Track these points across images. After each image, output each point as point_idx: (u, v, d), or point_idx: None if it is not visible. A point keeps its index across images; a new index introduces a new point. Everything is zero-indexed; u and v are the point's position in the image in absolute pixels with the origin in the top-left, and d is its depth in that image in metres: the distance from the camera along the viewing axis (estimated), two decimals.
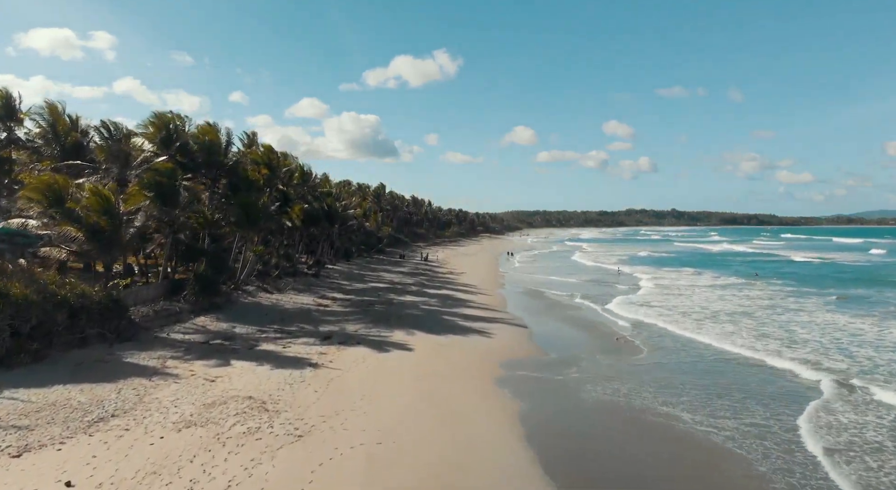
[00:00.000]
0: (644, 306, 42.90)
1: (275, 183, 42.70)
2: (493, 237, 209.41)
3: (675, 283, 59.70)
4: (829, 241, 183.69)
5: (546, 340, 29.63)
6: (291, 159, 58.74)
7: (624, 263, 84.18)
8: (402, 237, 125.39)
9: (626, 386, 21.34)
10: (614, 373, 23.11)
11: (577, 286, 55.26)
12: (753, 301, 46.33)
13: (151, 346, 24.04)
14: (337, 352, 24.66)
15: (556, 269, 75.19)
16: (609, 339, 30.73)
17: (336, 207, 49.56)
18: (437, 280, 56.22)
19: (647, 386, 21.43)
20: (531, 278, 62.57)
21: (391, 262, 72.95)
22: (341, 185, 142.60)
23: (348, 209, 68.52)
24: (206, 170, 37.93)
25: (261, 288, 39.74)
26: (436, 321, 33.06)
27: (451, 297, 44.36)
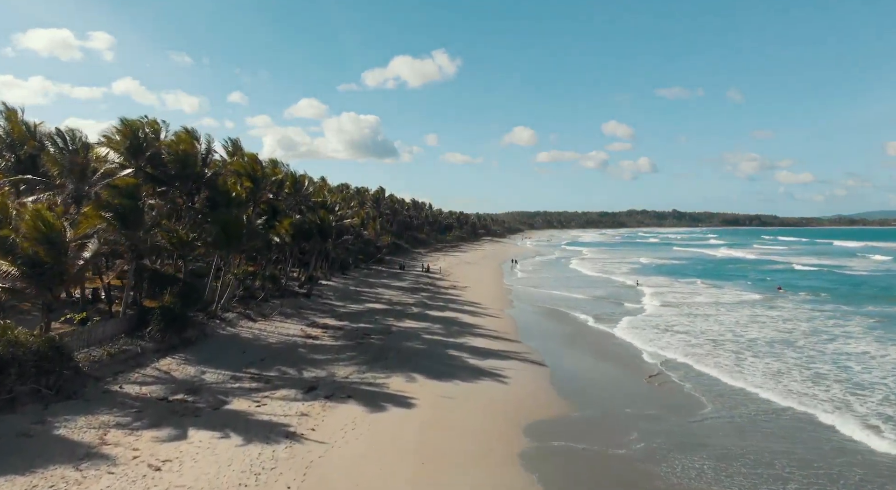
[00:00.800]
0: (668, 332, 38.57)
1: (259, 196, 38.37)
2: (495, 240, 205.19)
3: (694, 299, 55.34)
4: (831, 244, 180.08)
5: (571, 386, 25.33)
6: (281, 167, 54.45)
7: (631, 274, 79.85)
8: (402, 243, 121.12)
9: (705, 465, 16.95)
10: (674, 442, 18.73)
11: (588, 304, 50.95)
12: (790, 324, 41.99)
13: (97, 406, 19.75)
14: (321, 411, 20.34)
15: (562, 281, 70.81)
16: (640, 380, 26.50)
17: (329, 221, 45.23)
18: (439, 297, 51.89)
19: (732, 464, 17.08)
20: (538, 293, 58.25)
21: (391, 275, 68.66)
22: (339, 188, 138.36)
23: (345, 218, 64.19)
24: (180, 183, 33.62)
25: (243, 314, 35.42)
26: (440, 358, 28.75)
27: (457, 321, 40.03)
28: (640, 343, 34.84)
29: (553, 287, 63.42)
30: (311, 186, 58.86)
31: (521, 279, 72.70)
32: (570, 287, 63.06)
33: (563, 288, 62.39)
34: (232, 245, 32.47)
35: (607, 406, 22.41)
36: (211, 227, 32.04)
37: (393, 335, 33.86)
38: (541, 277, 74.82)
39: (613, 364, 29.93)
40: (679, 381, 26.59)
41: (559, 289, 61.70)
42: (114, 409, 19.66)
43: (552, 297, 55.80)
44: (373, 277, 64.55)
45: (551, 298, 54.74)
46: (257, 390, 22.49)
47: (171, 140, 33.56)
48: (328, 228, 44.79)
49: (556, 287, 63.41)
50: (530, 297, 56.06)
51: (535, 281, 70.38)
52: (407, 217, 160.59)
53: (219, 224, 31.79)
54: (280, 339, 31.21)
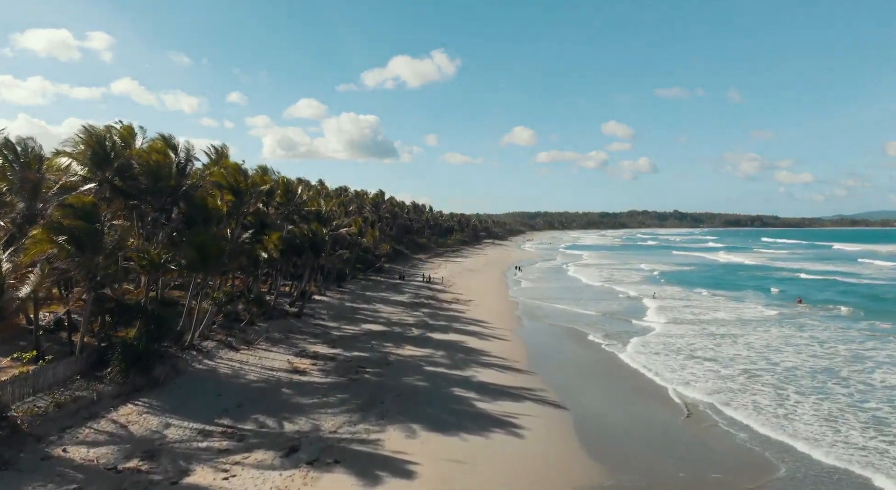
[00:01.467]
0: (692, 359, 35.00)
1: (243, 209, 34.73)
2: (497, 244, 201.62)
3: (713, 315, 51.77)
4: (830, 247, 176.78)
5: (600, 438, 21.77)
6: (272, 175, 50.89)
7: (635, 284, 76.24)
8: (402, 249, 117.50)
9: None
10: None
11: (597, 322, 47.48)
12: (826, 348, 38.39)
13: (30, 481, 16.19)
14: (302, 485, 16.76)
15: (567, 292, 67.17)
16: (679, 426, 22.97)
17: (322, 234, 41.66)
18: (442, 315, 48.28)
19: None
20: (544, 309, 54.71)
21: (390, 286, 65.03)
22: (337, 192, 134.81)
23: (341, 228, 60.62)
24: (152, 197, 30.04)
25: (224, 343, 31.83)
26: (444, 401, 25.14)
27: (462, 346, 36.43)
28: (665, 374, 31.28)
29: (559, 300, 59.79)
30: (306, 194, 55.29)
31: (525, 290, 69.07)
32: (576, 300, 59.45)
33: (569, 301, 58.77)
34: (210, 267, 28.88)
35: (651, 469, 18.82)
36: (186, 248, 28.43)
37: (391, 367, 30.25)
38: (546, 288, 71.17)
39: (642, 403, 26.37)
40: (728, 429, 23.04)
41: (565, 302, 58.09)
42: (49, 486, 16.10)
43: (559, 313, 52.25)
44: (371, 290, 60.95)
45: (558, 314, 51.22)
46: (228, 452, 18.89)
47: (143, 149, 29.97)
48: (321, 242, 41.19)
49: (562, 300, 59.78)
50: (537, 312, 52.50)
51: (541, 292, 66.73)
52: (407, 220, 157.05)
53: (194, 244, 28.20)
54: (263, 375, 27.60)
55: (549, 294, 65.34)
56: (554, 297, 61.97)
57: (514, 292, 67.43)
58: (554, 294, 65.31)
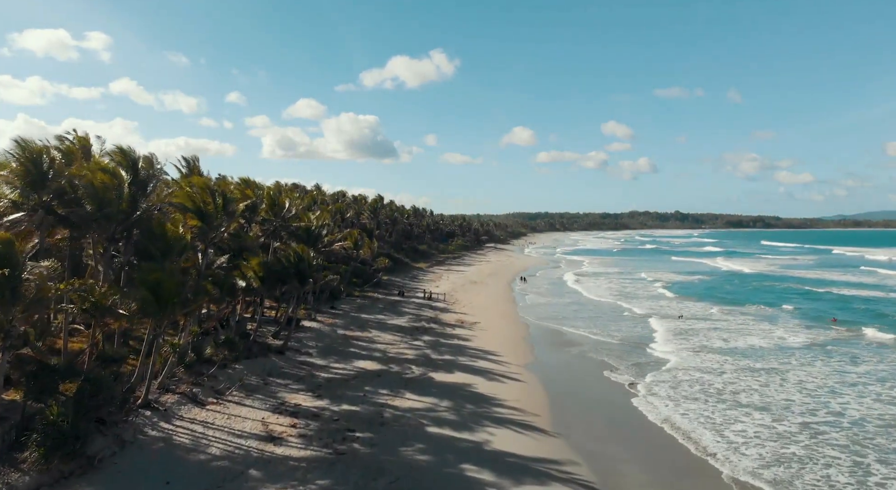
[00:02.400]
0: (737, 408, 30.00)
1: (212, 236, 29.60)
2: (499, 248, 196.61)
3: (747, 342, 46.78)
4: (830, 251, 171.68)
5: None
6: (257, 188, 45.96)
7: (645, 300, 71.17)
8: (401, 257, 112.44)
9: None
10: None
11: (614, 351, 42.67)
12: (891, 389, 33.32)
13: None
14: None
15: (576, 310, 62.14)
16: None
17: (310, 258, 36.50)
18: (445, 344, 43.19)
19: None
20: (557, 333, 49.87)
21: (388, 305, 59.89)
22: (335, 197, 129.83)
23: (335, 243, 55.57)
24: (99, 225, 24.98)
25: (188, 395, 26.79)
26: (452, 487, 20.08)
27: (470, 391, 31.37)
28: (710, 436, 26.13)
29: (568, 320, 54.77)
30: (296, 206, 50.19)
31: (533, 308, 63.96)
32: (586, 321, 54.48)
33: (579, 322, 53.78)
34: (166, 310, 23.82)
35: None
36: (137, 289, 23.38)
37: (386, 429, 25.11)
38: (553, 306, 66.03)
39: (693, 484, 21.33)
40: None
41: (576, 324, 53.10)
42: None
43: (572, 339, 47.29)
44: (367, 310, 55.84)
45: (572, 341, 46.30)
46: None
47: (88, 166, 24.91)
48: (307, 269, 36.05)
49: (572, 321, 54.77)
50: (548, 338, 47.63)
51: (548, 310, 61.62)
52: (407, 225, 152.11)
53: (147, 283, 23.14)
54: (229, 446, 22.50)
55: (557, 312, 60.29)
56: (563, 317, 56.90)
57: (521, 310, 62.36)
58: (562, 312, 60.24)
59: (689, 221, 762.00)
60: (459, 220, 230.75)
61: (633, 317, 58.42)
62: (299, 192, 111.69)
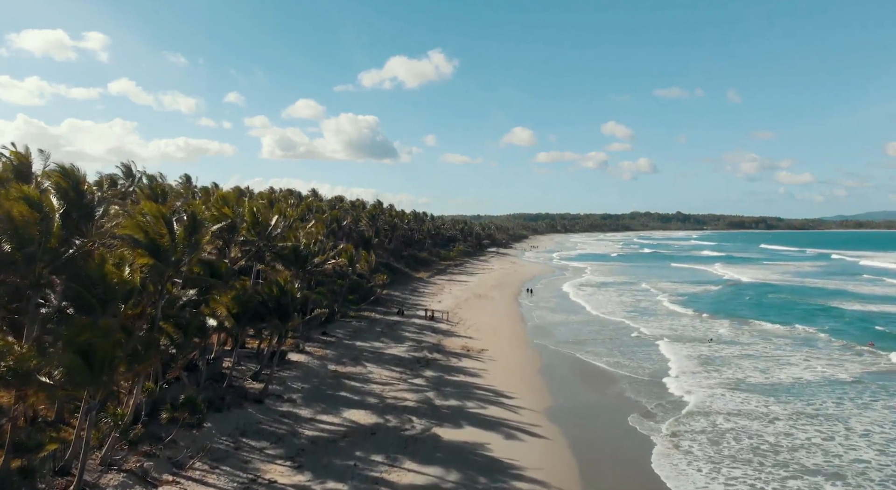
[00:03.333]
0: (800, 476, 24.87)
1: (170, 275, 24.36)
2: (501, 253, 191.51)
3: (791, 374, 41.78)
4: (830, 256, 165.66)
5: None
6: (237, 205, 40.81)
7: (654, 318, 66.02)
8: (401, 267, 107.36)
9: None
10: None
11: (642, 390, 37.71)
12: None
13: None
14: None
15: (587, 331, 57.05)
16: None
17: (293, 291, 31.25)
18: (451, 383, 38.02)
19: None
20: (571, 362, 44.97)
21: (386, 329, 54.69)
22: (332, 203, 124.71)
23: (328, 262, 50.44)
24: (17, 269, 19.88)
25: (137, 472, 21.67)
26: None
27: (483, 456, 26.27)
28: None
29: (583, 347, 49.77)
30: (280, 224, 45.06)
31: (543, 329, 58.86)
32: (602, 346, 49.51)
33: (596, 350, 48.68)
34: (101, 378, 18.73)
35: None
36: (63, 353, 18.28)
37: None
38: (563, 325, 60.94)
39: None
40: None
41: (592, 351, 48.16)
42: None
43: (590, 371, 42.80)
44: (363, 336, 50.69)
45: (590, 374, 41.84)
46: None
47: (3, 195, 19.80)
48: (290, 304, 30.88)
49: (587, 346, 50.06)
50: (564, 371, 43.08)
51: (560, 333, 56.50)
52: (407, 230, 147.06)
53: (75, 345, 18.05)
54: None
55: (568, 334, 55.43)
56: (575, 341, 51.99)
57: (530, 331, 57.29)
58: (573, 334, 55.44)
59: (691, 222, 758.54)
60: (461, 224, 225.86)
61: (649, 340, 53.33)
62: (294, 198, 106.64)
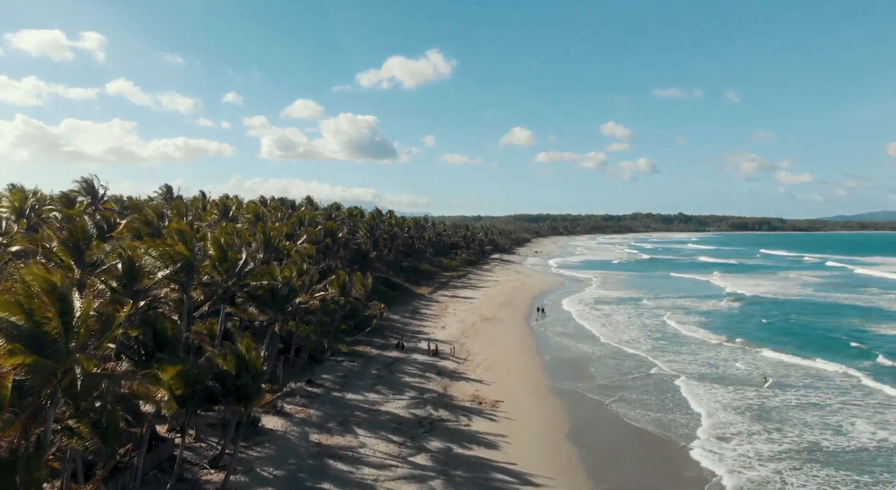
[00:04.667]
0: None
1: (60, 378, 16.68)
2: (505, 260, 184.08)
3: (876, 436, 34.29)
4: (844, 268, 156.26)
5: None
6: (196, 239, 33.27)
7: (693, 348, 58.52)
8: (401, 282, 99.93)
9: None
10: None
11: (694, 464, 29.95)
12: None
13: None
14: None
15: (609, 368, 49.65)
16: None
17: (258, 365, 23.85)
18: (462, 463, 30.56)
19: None
20: (606, 418, 37.39)
21: (383, 371, 47.21)
22: (328, 212, 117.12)
23: (314, 298, 42.96)
24: None
25: None
26: None
27: None
28: None
29: (613, 392, 42.14)
30: (258, 254, 37.58)
31: (560, 365, 51.55)
32: (634, 390, 42.03)
33: (630, 397, 41.18)
34: None
35: None
36: None
37: None
38: (583, 361, 53.57)
39: None
40: None
41: (624, 400, 40.52)
42: None
43: (630, 435, 35.05)
44: (355, 384, 43.25)
45: (632, 440, 34.09)
46: None
47: None
48: (252, 383, 23.43)
49: (619, 391, 42.40)
50: (600, 433, 35.51)
51: (582, 371, 49.13)
52: (408, 238, 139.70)
53: None
54: None
55: (588, 373, 47.92)
56: (599, 385, 44.31)
57: (547, 368, 50.00)
58: (593, 373, 47.79)
59: (693, 223, 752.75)
60: (463, 230, 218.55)
61: (677, 381, 45.99)
62: (285, 209, 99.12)
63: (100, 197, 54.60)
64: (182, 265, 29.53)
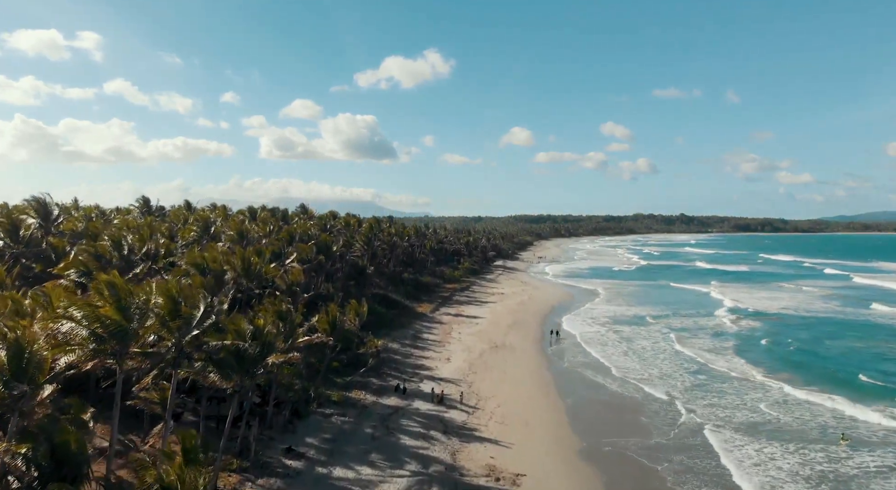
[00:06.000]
0: None
1: None
2: (510, 269, 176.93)
3: None
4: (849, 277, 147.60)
5: None
6: (130, 296, 25.92)
7: (743, 389, 51.20)
8: (400, 299, 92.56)
9: None
10: None
11: None
12: None
13: None
14: None
15: (645, 429, 42.38)
16: None
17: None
18: None
19: None
20: None
21: (379, 426, 39.92)
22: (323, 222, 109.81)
23: (300, 339, 35.63)
24: None
25: None
26: None
27: None
28: None
29: (651, 455, 34.66)
30: (224, 302, 30.25)
31: (583, 407, 44.35)
32: (669, 452, 34.44)
33: (668, 458, 33.68)
34: None
35: None
36: None
37: None
38: (608, 406, 46.37)
39: None
40: None
41: (672, 473, 33.03)
42: None
43: None
44: (345, 451, 35.95)
45: None
46: None
47: None
48: None
49: (652, 455, 34.65)
50: None
51: (608, 426, 41.88)
52: (408, 247, 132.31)
53: None
54: None
55: (618, 419, 40.34)
56: (637, 447, 36.76)
57: (569, 414, 42.76)
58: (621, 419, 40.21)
59: (695, 224, 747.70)
60: (465, 235, 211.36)
61: (731, 433, 38.62)
62: (276, 221, 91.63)
63: (53, 218, 47.25)
64: (112, 332, 22.33)
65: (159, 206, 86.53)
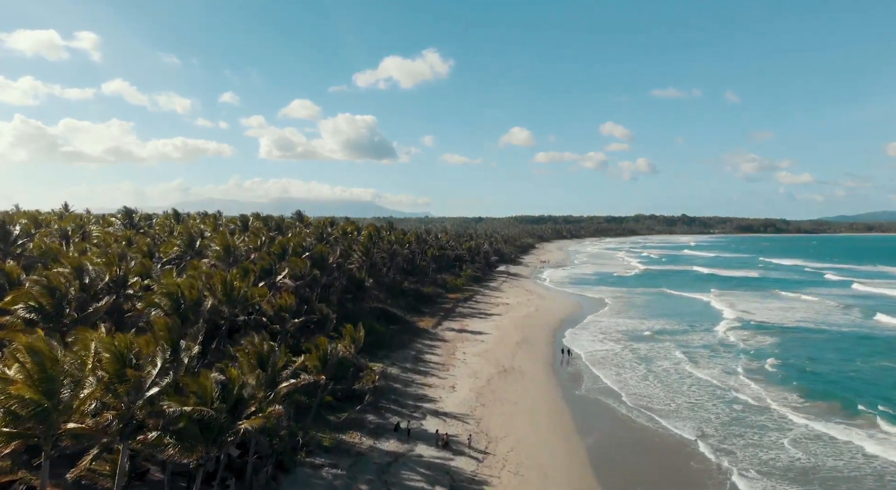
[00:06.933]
0: None
1: None
2: (513, 275, 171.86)
3: None
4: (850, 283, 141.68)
5: None
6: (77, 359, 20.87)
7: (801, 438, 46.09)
8: (400, 313, 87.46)
9: None
10: None
11: None
12: None
13: None
14: None
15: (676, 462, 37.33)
16: None
17: None
18: None
19: None
20: None
21: (375, 481, 34.85)
22: (320, 231, 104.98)
23: (284, 384, 30.53)
24: None
25: None
26: None
27: None
28: None
29: None
30: (182, 360, 25.19)
31: (607, 451, 39.28)
32: None
33: None
34: None
35: None
36: None
37: None
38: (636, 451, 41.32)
39: None
40: None
41: None
42: None
43: None
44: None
45: None
46: None
47: None
48: None
49: None
50: None
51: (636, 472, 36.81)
52: (409, 253, 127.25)
53: None
54: None
55: (646, 465, 35.44)
56: None
57: (595, 463, 37.68)
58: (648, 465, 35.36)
59: (697, 225, 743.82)
60: (466, 239, 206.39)
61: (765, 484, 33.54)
62: (268, 232, 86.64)
63: (13, 239, 42.05)
64: (33, 412, 17.30)
65: (145, 214, 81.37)
